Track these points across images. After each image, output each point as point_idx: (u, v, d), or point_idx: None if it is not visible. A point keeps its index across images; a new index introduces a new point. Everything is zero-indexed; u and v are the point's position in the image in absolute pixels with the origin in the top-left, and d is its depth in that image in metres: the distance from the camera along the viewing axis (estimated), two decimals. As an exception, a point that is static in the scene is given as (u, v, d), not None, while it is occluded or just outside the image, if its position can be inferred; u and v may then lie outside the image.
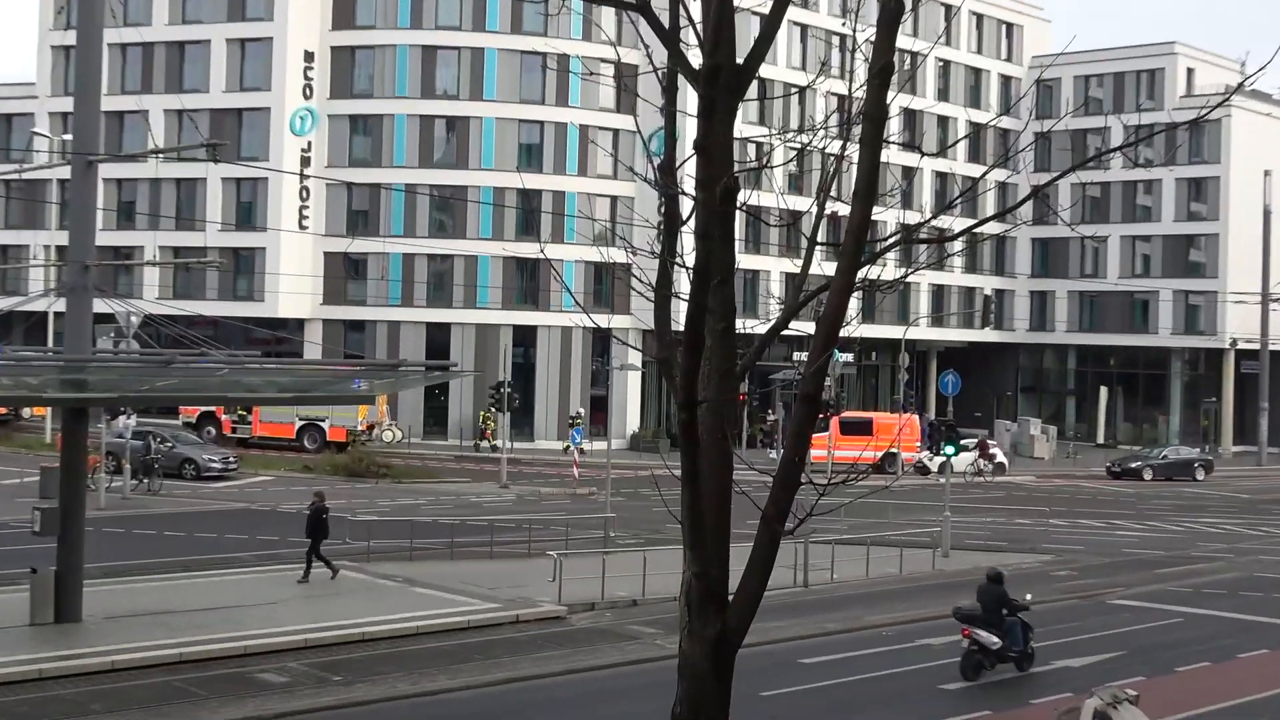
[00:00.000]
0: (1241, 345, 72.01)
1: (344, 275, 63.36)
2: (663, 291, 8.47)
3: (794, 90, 57.11)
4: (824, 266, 9.24)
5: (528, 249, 56.30)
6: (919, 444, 59.01)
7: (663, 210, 8.67)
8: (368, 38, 63.81)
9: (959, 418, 65.40)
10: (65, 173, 33.47)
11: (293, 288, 60.83)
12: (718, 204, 7.88)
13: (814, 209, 9.39)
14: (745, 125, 60.85)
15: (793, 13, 65.46)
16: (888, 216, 37.75)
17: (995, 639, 21.40)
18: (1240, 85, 8.69)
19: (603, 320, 8.94)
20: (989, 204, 69.58)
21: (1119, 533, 41.57)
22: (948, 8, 72.71)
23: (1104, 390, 76.02)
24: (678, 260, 8.44)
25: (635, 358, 50.49)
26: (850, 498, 9.15)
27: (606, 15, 52.07)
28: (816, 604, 28.11)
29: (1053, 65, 72.50)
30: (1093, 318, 78.67)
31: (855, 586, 30.42)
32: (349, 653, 22.25)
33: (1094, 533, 41.36)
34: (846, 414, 59.01)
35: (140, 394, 26.12)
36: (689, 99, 8.41)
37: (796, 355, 62.75)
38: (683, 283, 8.18)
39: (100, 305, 24.49)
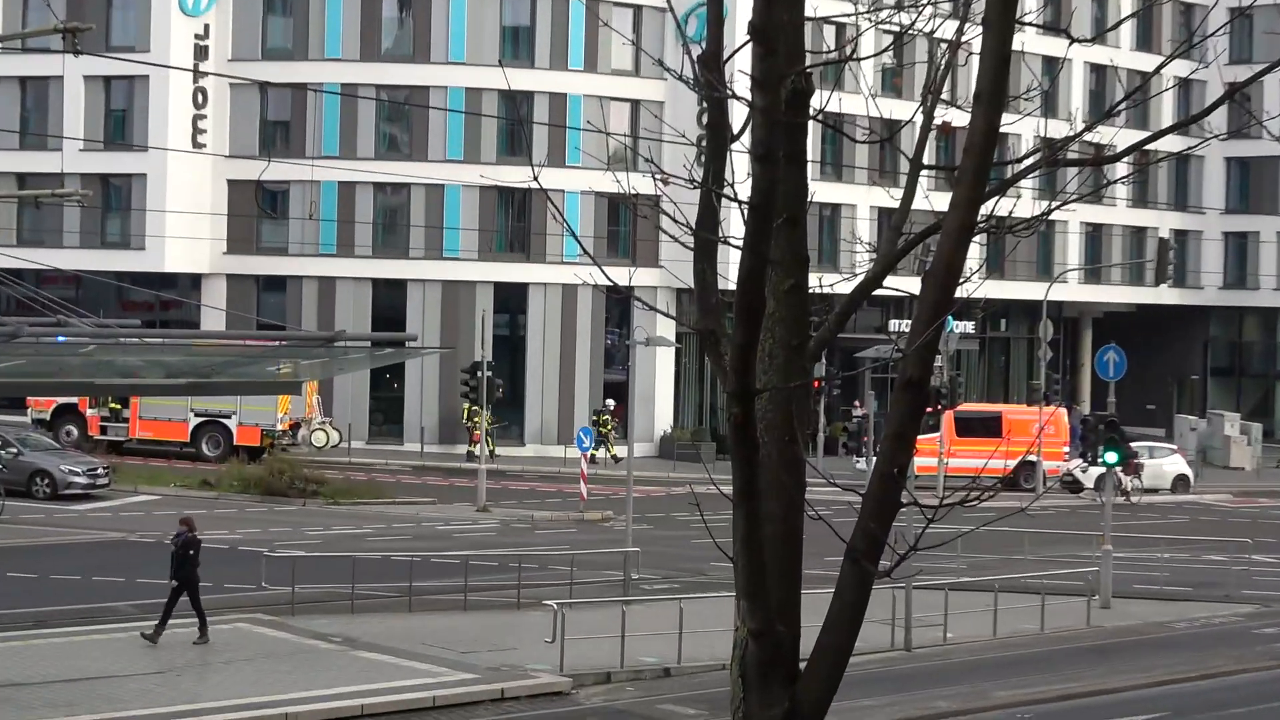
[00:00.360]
0: None
1: (256, 213, 63.54)
2: (706, 235, 8.45)
3: (890, -51, 56.96)
4: (933, 199, 9.24)
5: (514, 175, 56.27)
6: (1067, 449, 58.77)
7: (705, 121, 8.56)
8: (288, -122, 63.94)
9: (1124, 412, 65.08)
10: None
11: (185, 230, 61.06)
12: (783, 111, 7.81)
13: (918, 118, 9.36)
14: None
15: None
16: (1023, 128, 37.53)
17: None
18: None
19: (621, 276, 8.95)
20: (1165, 110, 69.25)
21: (1351, 574, 41.46)
22: None
23: (1330, 373, 75.61)
24: (727, 191, 8.44)
25: (667, 328, 50.39)
26: (970, 525, 9.17)
27: None
28: (923, 674, 28.16)
29: (1257, -88, 71.91)
30: (1314, 270, 78.22)
31: (977, 649, 30.43)
32: (266, 742, 22.33)
33: (1315, 574, 41.26)
34: (965, 407, 58.87)
35: (-27, 380, 26.15)
36: (741, -37, 8.44)
37: (895, 325, 62.54)
38: (734, 223, 8.20)
39: (-83, 256, 24.52)
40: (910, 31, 9.95)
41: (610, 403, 61.31)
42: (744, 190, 8.05)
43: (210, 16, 63.34)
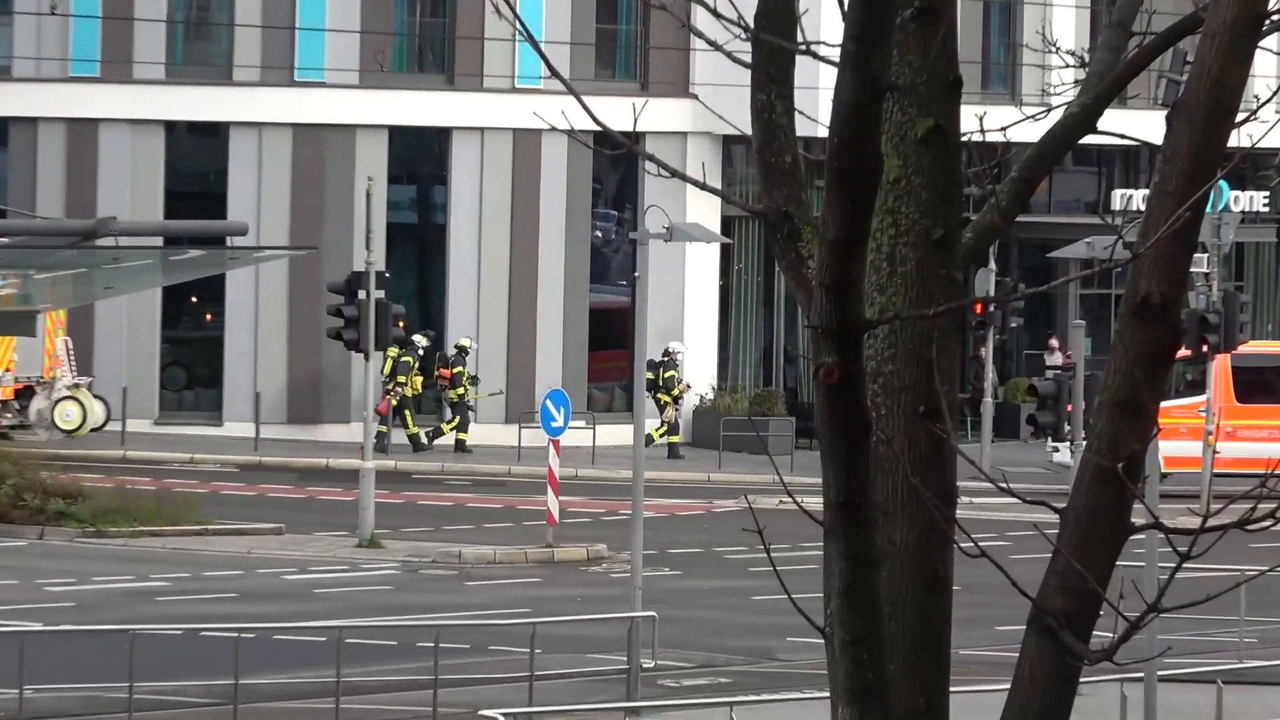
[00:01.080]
0: None
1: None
2: (773, 40, 7.97)
3: None
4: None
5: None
6: None
7: None
8: None
9: None
10: None
11: None
12: None
13: None
14: None
15: None
16: None
17: None
18: None
19: (621, 114, 8.47)
20: None
21: None
22: None
23: None
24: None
25: (706, 210, 49.95)
26: (1262, 565, 8.37)
27: None
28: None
29: None
30: None
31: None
32: None
33: None
34: (1251, 348, 58.57)
35: None
36: None
37: (1119, 199, 61.61)
38: (826, 20, 7.53)
39: None
40: None
41: (676, 347, 60.10)
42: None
43: None
